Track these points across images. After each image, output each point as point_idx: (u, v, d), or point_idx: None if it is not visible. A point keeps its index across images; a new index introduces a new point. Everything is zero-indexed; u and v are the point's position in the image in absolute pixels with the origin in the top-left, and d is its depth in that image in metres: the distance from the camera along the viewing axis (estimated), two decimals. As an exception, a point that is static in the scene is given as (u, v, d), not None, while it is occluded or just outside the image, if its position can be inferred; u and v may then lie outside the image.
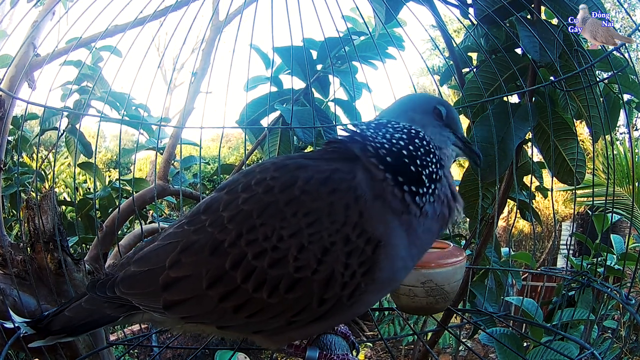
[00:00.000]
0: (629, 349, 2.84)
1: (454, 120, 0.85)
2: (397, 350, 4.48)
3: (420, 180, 0.74)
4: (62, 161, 4.14)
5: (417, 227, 0.73)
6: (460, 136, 0.86)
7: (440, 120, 0.83)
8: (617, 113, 1.57)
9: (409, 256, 0.74)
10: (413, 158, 0.75)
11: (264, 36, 1.65)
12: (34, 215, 1.41)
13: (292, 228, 0.68)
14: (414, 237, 0.74)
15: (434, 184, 0.76)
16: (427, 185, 0.74)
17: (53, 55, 1.68)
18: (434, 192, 0.75)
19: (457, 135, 0.85)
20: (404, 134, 0.77)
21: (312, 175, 0.71)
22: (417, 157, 0.75)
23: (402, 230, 0.72)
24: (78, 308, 0.81)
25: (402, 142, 0.76)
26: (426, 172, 0.75)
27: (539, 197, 1.92)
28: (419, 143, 0.77)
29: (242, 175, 0.78)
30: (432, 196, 0.75)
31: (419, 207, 0.73)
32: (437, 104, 0.84)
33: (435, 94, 1.41)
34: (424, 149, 0.77)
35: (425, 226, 0.75)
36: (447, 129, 0.84)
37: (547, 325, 1.56)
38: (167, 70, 11.69)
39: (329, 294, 0.69)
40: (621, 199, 3.44)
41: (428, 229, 0.76)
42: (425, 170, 0.75)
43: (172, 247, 0.74)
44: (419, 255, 0.79)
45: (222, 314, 0.72)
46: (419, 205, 0.73)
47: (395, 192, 0.72)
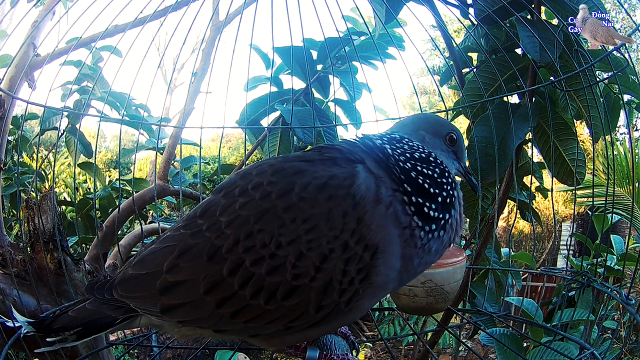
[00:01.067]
0: (629, 349, 2.84)
1: (461, 149, 0.87)
2: (397, 351, 4.47)
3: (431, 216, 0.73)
4: (62, 161, 4.14)
5: (415, 259, 0.74)
6: (463, 165, 0.88)
7: (451, 146, 0.85)
8: (617, 113, 1.57)
9: (399, 274, 0.74)
10: (429, 185, 0.75)
11: (264, 36, 1.65)
12: (33, 215, 1.41)
13: (290, 235, 0.68)
14: (410, 265, 0.74)
15: (448, 213, 0.76)
16: (439, 216, 0.74)
17: (53, 55, 1.69)
18: (447, 222, 0.76)
19: (461, 164, 0.88)
20: (420, 154, 0.78)
21: (310, 182, 0.70)
22: (434, 183, 0.76)
23: (399, 246, 0.72)
24: (82, 309, 0.81)
25: (421, 165, 0.76)
26: (440, 200, 0.75)
27: (539, 198, 1.92)
28: (434, 163, 0.78)
29: (239, 177, 0.77)
30: (444, 229, 0.75)
31: (422, 243, 0.73)
32: (452, 130, 0.86)
33: (435, 94, 1.41)
34: (439, 169, 0.78)
35: (424, 260, 0.76)
36: (454, 155, 0.86)
37: (547, 326, 1.56)
38: (167, 70, 11.70)
39: (327, 301, 0.69)
40: (621, 200, 3.44)
41: (426, 261, 0.77)
42: (439, 198, 0.75)
43: (169, 251, 0.74)
44: (409, 279, 0.79)
45: (219, 319, 0.72)
46: (422, 240, 0.73)
47: (405, 208, 0.72)
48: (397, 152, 0.77)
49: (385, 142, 0.79)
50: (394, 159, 0.75)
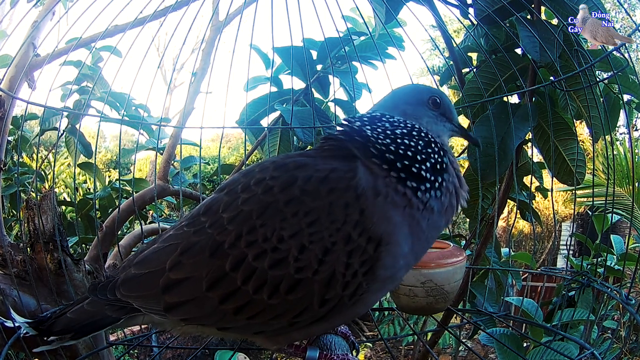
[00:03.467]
0: (629, 349, 2.84)
1: (448, 109, 0.85)
2: (397, 351, 4.47)
3: (422, 175, 0.73)
4: (62, 161, 4.14)
5: (422, 222, 0.73)
6: (456, 124, 0.86)
7: (436, 109, 0.83)
8: (617, 113, 1.57)
9: (412, 253, 0.74)
10: (414, 153, 0.74)
11: (264, 36, 1.65)
12: (33, 215, 1.40)
13: (292, 228, 0.68)
14: (419, 231, 0.73)
15: (440, 176, 0.75)
16: (431, 179, 0.74)
17: (53, 55, 1.69)
18: (442, 185, 0.75)
19: (453, 123, 0.86)
20: (402, 129, 0.77)
21: (312, 175, 0.70)
22: (418, 152, 0.75)
23: (405, 226, 0.71)
24: (81, 310, 0.81)
25: (402, 139, 0.76)
26: (428, 165, 0.74)
27: (539, 198, 1.92)
28: (417, 136, 0.77)
29: (242, 175, 0.78)
30: (440, 190, 0.75)
31: (423, 203, 0.72)
32: (432, 94, 0.84)
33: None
34: (423, 141, 0.77)
35: (431, 221, 0.74)
36: (443, 117, 0.84)
37: (547, 326, 1.56)
38: (167, 70, 11.70)
39: (331, 294, 0.69)
40: (621, 199, 3.44)
41: (434, 223, 0.75)
42: (427, 163, 0.75)
43: (172, 249, 0.74)
44: (423, 250, 0.79)
45: (222, 316, 0.72)
46: (422, 200, 0.72)
47: (398, 189, 0.71)
48: (377, 132, 0.76)
49: (366, 124, 0.78)
50: (373, 138, 0.75)
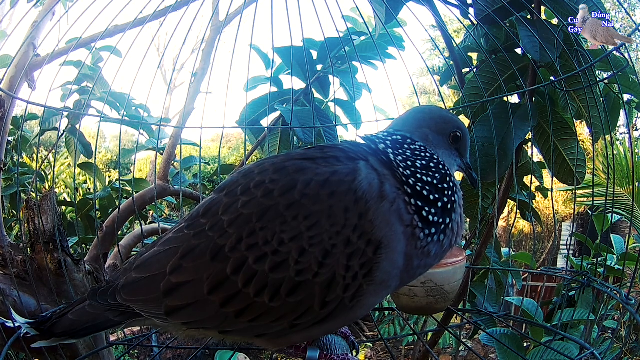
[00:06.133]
0: (629, 349, 2.84)
1: (464, 146, 0.87)
2: (397, 351, 4.47)
3: (430, 220, 0.73)
4: (62, 161, 4.14)
5: (415, 260, 0.74)
6: (465, 161, 0.88)
7: (454, 144, 0.85)
8: (617, 113, 1.57)
9: (404, 271, 0.74)
10: (429, 192, 0.74)
11: (264, 36, 1.65)
12: (34, 215, 1.40)
13: (292, 232, 0.68)
14: (410, 265, 0.74)
15: (449, 217, 0.76)
16: (439, 221, 0.74)
17: (53, 56, 1.68)
18: (448, 227, 0.76)
19: (463, 160, 0.87)
20: (421, 160, 0.77)
21: (312, 179, 0.70)
22: (433, 188, 0.75)
23: (403, 243, 0.72)
24: (82, 311, 0.81)
25: (421, 173, 0.76)
26: (440, 205, 0.75)
27: (539, 197, 1.92)
28: (435, 168, 0.78)
29: (241, 175, 0.77)
30: (444, 233, 0.75)
31: (422, 247, 0.73)
32: (456, 128, 0.85)
33: (435, 94, 1.41)
34: (440, 174, 0.77)
35: (422, 262, 0.76)
36: (457, 152, 0.86)
37: (547, 326, 1.56)
38: (167, 71, 11.71)
39: (331, 297, 0.69)
40: (621, 199, 3.44)
41: (424, 265, 0.77)
42: (439, 203, 0.75)
43: (172, 253, 0.74)
44: (408, 279, 0.80)
45: (224, 319, 0.72)
46: (422, 240, 0.73)
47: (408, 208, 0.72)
48: (400, 159, 0.76)
49: (389, 147, 0.78)
50: (395, 164, 0.75)
